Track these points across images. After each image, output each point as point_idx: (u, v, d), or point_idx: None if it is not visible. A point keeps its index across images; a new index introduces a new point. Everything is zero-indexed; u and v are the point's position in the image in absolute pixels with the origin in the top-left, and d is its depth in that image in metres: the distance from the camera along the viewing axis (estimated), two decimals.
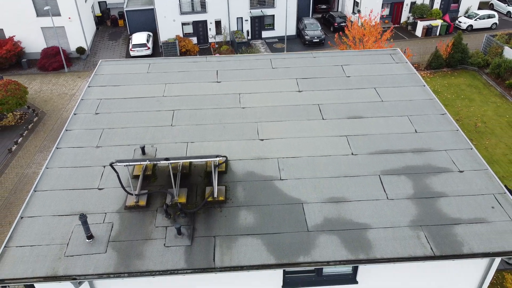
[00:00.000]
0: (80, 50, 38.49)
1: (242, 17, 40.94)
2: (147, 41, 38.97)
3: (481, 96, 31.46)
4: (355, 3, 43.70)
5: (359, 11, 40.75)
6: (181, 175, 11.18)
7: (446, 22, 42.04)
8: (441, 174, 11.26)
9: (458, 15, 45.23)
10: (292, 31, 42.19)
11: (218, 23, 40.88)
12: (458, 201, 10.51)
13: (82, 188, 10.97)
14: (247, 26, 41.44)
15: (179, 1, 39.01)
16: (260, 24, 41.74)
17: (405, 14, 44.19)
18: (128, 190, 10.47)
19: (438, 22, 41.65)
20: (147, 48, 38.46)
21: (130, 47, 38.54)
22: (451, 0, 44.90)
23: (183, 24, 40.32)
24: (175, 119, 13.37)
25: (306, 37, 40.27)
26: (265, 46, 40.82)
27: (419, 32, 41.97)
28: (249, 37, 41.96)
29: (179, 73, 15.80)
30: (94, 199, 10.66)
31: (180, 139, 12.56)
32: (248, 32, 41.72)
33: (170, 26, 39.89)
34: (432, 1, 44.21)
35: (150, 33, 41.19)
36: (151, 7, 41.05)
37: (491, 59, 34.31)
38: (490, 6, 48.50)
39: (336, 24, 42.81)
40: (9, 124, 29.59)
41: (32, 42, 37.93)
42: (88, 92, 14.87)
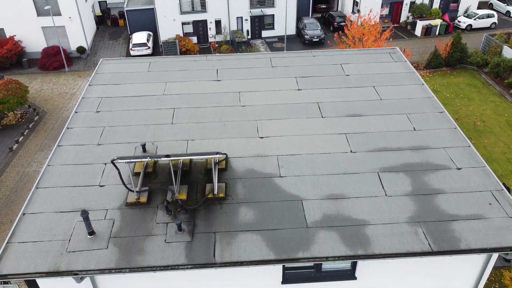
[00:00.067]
0: (81, 50, 38.59)
1: (242, 17, 41.03)
2: (147, 41, 39.07)
3: (480, 95, 31.56)
4: (355, 3, 43.78)
5: (359, 11, 40.84)
6: (182, 173, 11.28)
7: (446, 22, 42.14)
8: (439, 171, 11.36)
9: (458, 15, 45.34)
10: (292, 31, 42.29)
11: (218, 23, 40.98)
12: (456, 198, 10.61)
13: (84, 185, 11.07)
14: (247, 26, 41.53)
15: (179, 1, 39.10)
16: (260, 24, 41.83)
17: (405, 14, 44.30)
18: (129, 187, 10.57)
19: (438, 22, 41.75)
20: (147, 48, 38.56)
21: (131, 47, 38.66)
22: (451, 0, 45.00)
23: (183, 24, 40.42)
24: (176, 117, 13.47)
25: (306, 37, 40.38)
26: (265, 46, 40.91)
27: (419, 32, 42.08)
28: (249, 37, 42.05)
29: (180, 72, 15.90)
30: (96, 196, 10.76)
31: (181, 137, 12.65)
32: (248, 32, 41.82)
33: (170, 26, 39.99)
34: (432, 1, 44.31)
35: (150, 33, 41.30)
36: (151, 7, 41.14)
37: (490, 59, 34.42)
38: (490, 6, 48.60)
39: (336, 24, 42.92)
40: (10, 123, 29.71)
41: (33, 42, 38.03)
42: (89, 91, 14.97)
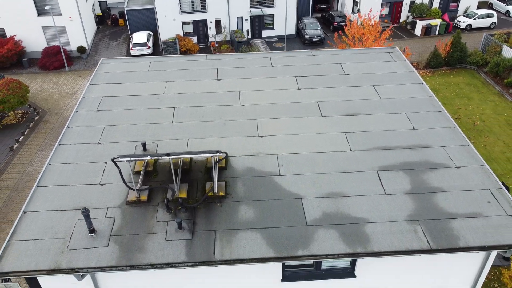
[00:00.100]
0: (81, 49, 38.64)
1: (242, 17, 41.08)
2: (148, 41, 39.13)
3: (480, 95, 31.62)
4: (355, 3, 43.83)
5: (359, 11, 40.89)
6: (182, 171, 11.34)
7: (445, 22, 42.18)
8: (438, 170, 11.41)
9: (457, 15, 45.39)
10: (292, 31, 42.34)
11: (218, 23, 41.03)
12: (455, 196, 10.66)
13: (84, 184, 11.12)
14: (247, 26, 41.58)
15: (179, 1, 39.15)
16: (260, 24, 41.88)
17: (404, 14, 44.34)
18: (130, 186, 10.62)
19: (437, 22, 41.79)
20: (148, 47, 38.62)
21: (131, 46, 38.71)
22: (450, 0, 45.05)
23: (183, 24, 40.47)
24: (176, 116, 13.52)
25: (306, 36, 40.42)
26: (265, 45, 40.96)
27: (418, 31, 42.12)
28: (249, 36, 42.11)
29: (180, 71, 15.95)
30: (96, 194, 10.81)
31: (181, 136, 12.70)
32: (248, 32, 41.87)
33: (171, 26, 40.04)
34: (431, 1, 44.36)
35: (151, 33, 41.35)
36: (152, 7, 41.19)
37: (490, 58, 34.47)
38: (489, 6, 48.65)
39: (336, 24, 42.96)
40: (11, 123, 29.77)
41: (33, 41, 38.09)
42: (90, 90, 15.02)
